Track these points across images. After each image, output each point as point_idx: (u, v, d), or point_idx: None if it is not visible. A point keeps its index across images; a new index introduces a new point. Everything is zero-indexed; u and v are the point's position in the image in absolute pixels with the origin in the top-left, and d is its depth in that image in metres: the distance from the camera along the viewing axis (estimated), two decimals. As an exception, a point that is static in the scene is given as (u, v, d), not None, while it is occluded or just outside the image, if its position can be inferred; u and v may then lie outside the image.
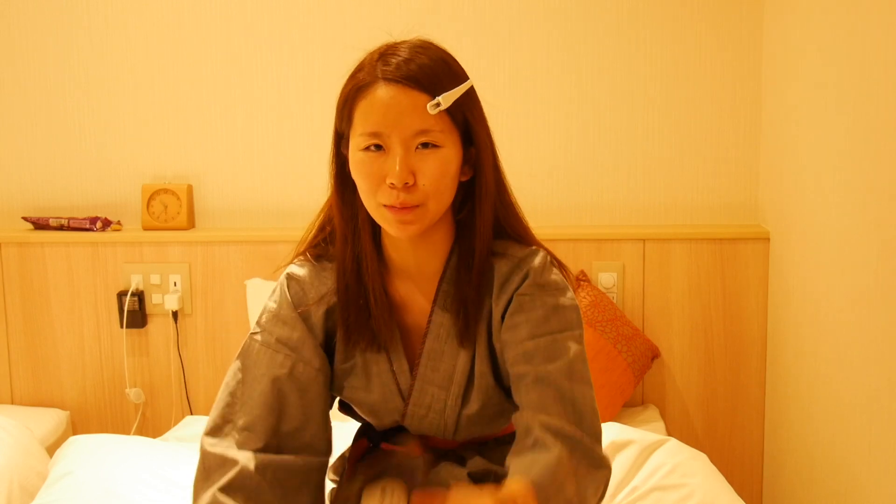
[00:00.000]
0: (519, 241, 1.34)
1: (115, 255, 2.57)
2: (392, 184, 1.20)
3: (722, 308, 2.48)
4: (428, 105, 1.21)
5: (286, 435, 1.31)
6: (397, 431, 1.41)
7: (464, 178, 1.30)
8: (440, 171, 1.23)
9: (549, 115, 2.53)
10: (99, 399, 2.64)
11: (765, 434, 2.51)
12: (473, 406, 1.33)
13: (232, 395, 1.33)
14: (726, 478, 1.82)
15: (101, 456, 1.84)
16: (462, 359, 1.31)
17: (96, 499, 1.69)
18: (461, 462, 1.38)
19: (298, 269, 1.38)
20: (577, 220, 2.56)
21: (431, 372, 1.33)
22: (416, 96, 1.21)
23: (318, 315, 1.34)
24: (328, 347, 1.37)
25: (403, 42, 1.27)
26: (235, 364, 1.35)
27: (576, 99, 2.52)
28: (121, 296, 2.56)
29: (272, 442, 1.29)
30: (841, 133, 1.92)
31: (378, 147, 1.22)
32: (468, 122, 1.28)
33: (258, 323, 1.37)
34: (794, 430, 2.25)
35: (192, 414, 2.58)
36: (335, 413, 1.41)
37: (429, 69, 1.23)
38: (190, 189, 2.59)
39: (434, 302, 1.32)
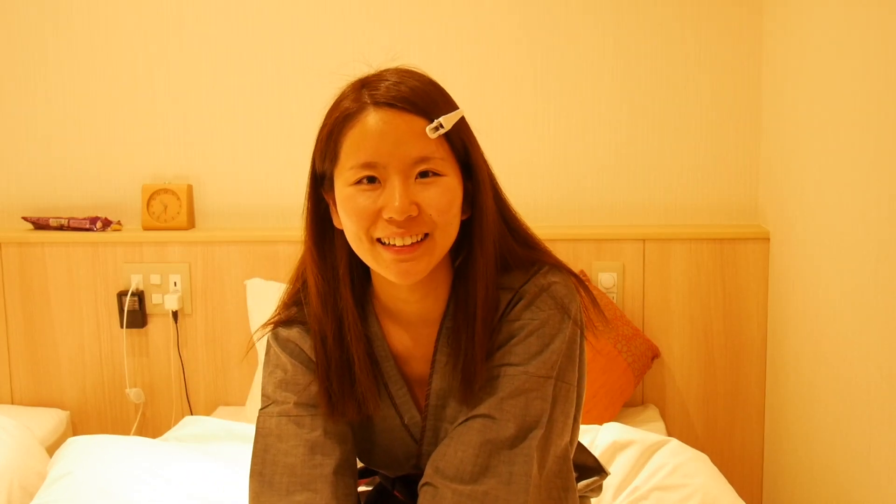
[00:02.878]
0: (528, 266, 1.22)
1: (115, 255, 2.57)
2: (391, 218, 1.08)
3: (722, 308, 2.48)
4: (427, 128, 1.10)
5: (343, 497, 1.18)
6: (411, 485, 1.31)
7: (463, 217, 1.18)
8: (446, 199, 1.11)
9: (549, 115, 2.53)
10: (99, 399, 2.63)
11: (765, 434, 2.51)
12: None
13: (270, 484, 1.18)
14: (726, 478, 1.82)
15: (99, 456, 1.83)
16: None
17: (94, 499, 1.68)
18: None
19: (284, 329, 1.25)
20: (577, 220, 2.56)
21: (441, 409, 1.23)
22: (413, 120, 1.10)
23: None
24: None
25: (385, 70, 1.16)
26: (257, 447, 1.21)
27: (575, 99, 2.52)
28: (121, 296, 2.56)
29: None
30: (841, 133, 1.92)
31: (371, 180, 1.10)
32: (467, 150, 1.16)
33: (265, 396, 1.24)
34: (794, 430, 2.25)
35: (191, 414, 2.58)
36: None
37: (422, 91, 1.12)
38: (190, 189, 2.59)
39: (437, 341, 1.22)
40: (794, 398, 2.25)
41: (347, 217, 1.13)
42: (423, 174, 1.11)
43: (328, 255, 1.20)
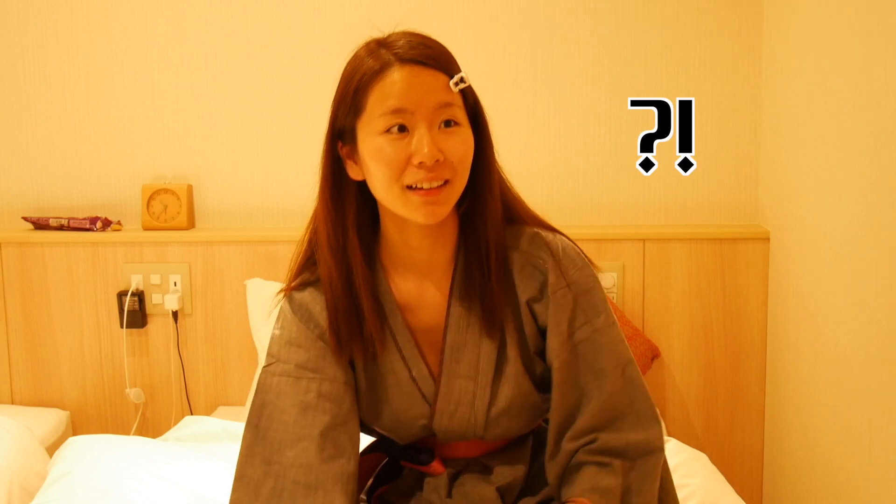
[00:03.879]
0: (525, 224, 1.33)
1: (115, 255, 2.57)
2: (422, 163, 1.18)
3: (722, 308, 2.48)
4: (451, 82, 1.21)
5: (328, 458, 1.25)
6: (416, 450, 1.37)
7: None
8: (465, 148, 1.23)
9: (549, 114, 2.53)
10: (99, 399, 2.63)
11: (765, 434, 2.51)
12: (504, 395, 1.29)
13: (263, 437, 1.26)
14: (726, 478, 1.82)
15: (100, 456, 1.83)
16: (486, 347, 1.28)
17: (94, 499, 1.68)
18: (485, 471, 1.34)
19: (298, 292, 1.33)
20: (577, 220, 2.56)
21: (455, 364, 1.29)
22: (435, 74, 1.21)
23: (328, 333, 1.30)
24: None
25: (394, 33, 1.27)
26: (256, 402, 1.29)
27: (576, 98, 2.52)
28: (121, 296, 2.56)
29: (316, 465, 1.24)
30: (841, 133, 1.92)
31: (401, 129, 1.19)
32: (476, 103, 1.29)
33: (270, 354, 1.31)
34: (794, 430, 2.25)
35: (192, 414, 2.58)
36: None
37: (439, 50, 1.24)
38: (190, 189, 2.59)
39: (450, 294, 1.29)
40: (794, 398, 2.25)
41: (378, 166, 1.21)
42: (447, 123, 1.21)
43: (340, 207, 1.27)
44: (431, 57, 1.22)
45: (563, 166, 2.54)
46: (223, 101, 2.59)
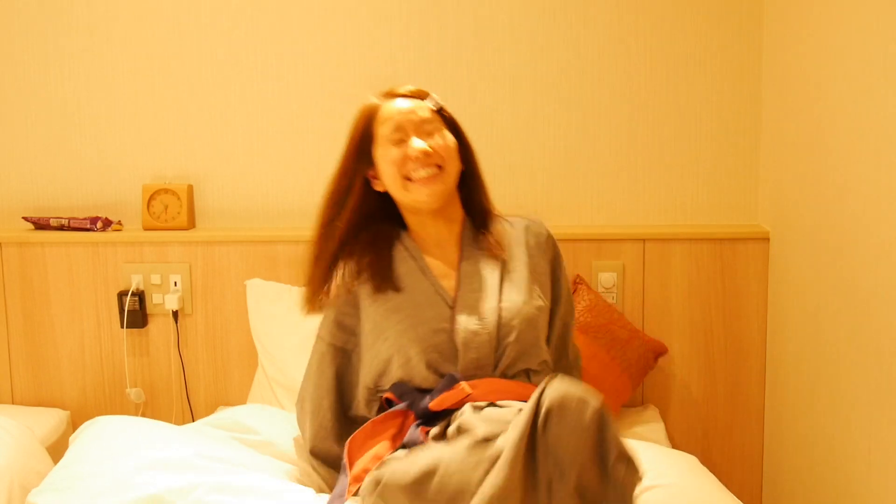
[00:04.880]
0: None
1: (116, 255, 2.57)
2: (416, 157, 1.73)
3: (722, 308, 2.48)
4: (427, 105, 1.79)
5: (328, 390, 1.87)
6: (447, 381, 1.68)
7: (462, 169, 1.83)
8: (446, 142, 1.78)
9: (550, 114, 2.53)
10: (99, 399, 2.64)
11: (765, 434, 2.51)
12: (510, 299, 1.73)
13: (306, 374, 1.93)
14: (727, 478, 1.81)
15: (120, 443, 1.75)
16: (489, 276, 1.76)
17: (104, 489, 1.64)
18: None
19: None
20: (577, 220, 2.56)
21: (469, 286, 1.76)
22: (416, 102, 1.81)
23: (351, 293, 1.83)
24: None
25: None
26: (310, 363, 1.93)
27: (575, 98, 2.52)
28: (121, 296, 2.56)
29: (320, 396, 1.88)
30: (840, 133, 1.92)
31: (401, 142, 1.76)
32: (455, 123, 1.83)
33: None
34: (794, 430, 2.25)
35: (192, 414, 2.58)
36: None
37: (417, 89, 1.84)
38: (190, 189, 2.59)
39: (461, 248, 1.81)
40: (794, 398, 2.25)
41: (388, 166, 1.77)
42: (431, 133, 1.77)
43: (340, 205, 1.82)
44: (411, 92, 1.82)
45: (563, 166, 2.54)
46: (224, 101, 2.59)
